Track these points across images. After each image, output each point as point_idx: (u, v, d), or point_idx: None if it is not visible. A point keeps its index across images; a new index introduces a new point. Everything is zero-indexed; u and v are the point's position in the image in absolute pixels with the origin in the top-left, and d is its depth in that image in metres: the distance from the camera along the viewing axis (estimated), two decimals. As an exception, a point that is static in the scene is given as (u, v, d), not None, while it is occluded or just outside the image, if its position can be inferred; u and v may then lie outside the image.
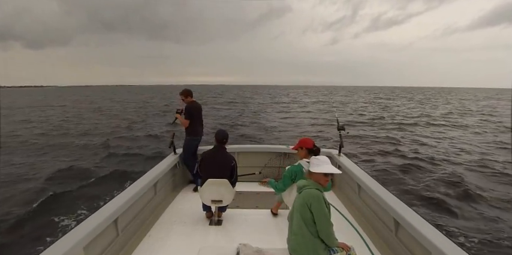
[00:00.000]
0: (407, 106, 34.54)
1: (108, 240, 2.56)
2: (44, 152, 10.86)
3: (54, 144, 12.26)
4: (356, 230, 3.21)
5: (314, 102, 38.41)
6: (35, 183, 7.20)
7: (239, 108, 29.40)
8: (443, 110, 28.72)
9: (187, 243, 2.88)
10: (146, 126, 17.20)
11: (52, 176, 7.73)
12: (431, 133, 15.35)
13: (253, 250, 2.20)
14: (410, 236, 2.45)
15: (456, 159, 9.86)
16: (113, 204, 2.65)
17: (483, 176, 8.16)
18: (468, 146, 12.09)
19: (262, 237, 2.94)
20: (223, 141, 3.29)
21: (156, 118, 20.73)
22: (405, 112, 26.75)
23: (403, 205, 2.76)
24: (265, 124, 17.73)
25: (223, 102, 37.65)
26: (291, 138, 13.09)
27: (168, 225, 3.25)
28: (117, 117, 22.57)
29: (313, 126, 17.64)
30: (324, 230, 2.05)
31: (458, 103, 42.05)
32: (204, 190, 3.11)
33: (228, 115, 22.44)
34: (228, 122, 18.36)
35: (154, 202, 3.56)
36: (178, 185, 4.36)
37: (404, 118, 21.45)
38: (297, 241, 2.07)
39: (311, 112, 25.94)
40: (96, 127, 17.18)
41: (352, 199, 3.86)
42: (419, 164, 9.07)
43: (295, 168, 3.00)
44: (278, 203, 3.50)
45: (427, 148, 11.65)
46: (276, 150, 4.76)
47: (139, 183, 3.20)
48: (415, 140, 13.21)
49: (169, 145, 4.25)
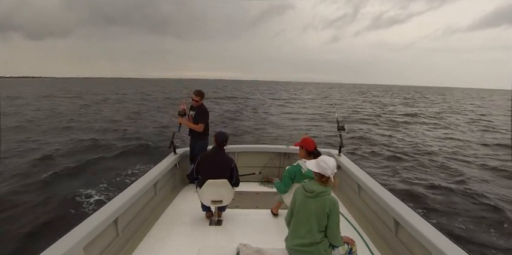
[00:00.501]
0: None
1: (108, 240, 2.56)
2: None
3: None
4: (356, 230, 3.21)
5: (312, 99, 39.33)
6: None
7: (240, 102, 30.12)
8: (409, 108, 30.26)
9: (187, 244, 2.87)
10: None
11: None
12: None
13: (253, 250, 2.19)
14: (410, 236, 2.45)
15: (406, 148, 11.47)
16: (113, 204, 2.65)
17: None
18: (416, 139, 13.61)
19: (262, 237, 2.94)
20: (223, 144, 3.26)
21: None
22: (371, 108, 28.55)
23: (403, 205, 2.77)
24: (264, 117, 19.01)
25: (223, 96, 38.02)
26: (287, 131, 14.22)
27: (168, 225, 3.25)
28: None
29: (310, 120, 18.51)
30: (334, 233, 2.10)
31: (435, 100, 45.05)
32: (203, 190, 3.10)
33: (229, 109, 23.15)
34: (230, 115, 19.38)
35: (154, 202, 3.55)
36: (178, 185, 4.35)
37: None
38: (304, 243, 2.08)
39: (307, 108, 26.80)
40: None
41: (352, 199, 3.86)
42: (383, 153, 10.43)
43: (294, 168, 3.01)
44: (278, 203, 3.49)
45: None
46: (276, 150, 4.76)
47: (139, 183, 3.20)
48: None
49: (169, 145, 4.24)
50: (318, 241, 2.07)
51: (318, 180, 2.15)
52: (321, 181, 2.13)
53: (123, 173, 7.54)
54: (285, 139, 11.99)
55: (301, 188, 2.21)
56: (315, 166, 2.15)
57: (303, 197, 2.14)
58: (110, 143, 11.02)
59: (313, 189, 2.11)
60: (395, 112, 25.20)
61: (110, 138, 11.93)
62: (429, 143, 12.42)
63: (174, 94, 39.01)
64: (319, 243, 2.07)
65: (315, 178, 2.19)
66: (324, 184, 2.13)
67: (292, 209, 2.24)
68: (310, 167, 2.20)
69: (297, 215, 2.17)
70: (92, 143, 10.90)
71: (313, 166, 2.17)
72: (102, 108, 23.26)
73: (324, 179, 2.12)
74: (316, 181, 2.17)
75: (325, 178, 2.12)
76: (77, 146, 10.50)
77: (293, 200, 2.26)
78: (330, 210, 2.06)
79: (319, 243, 2.07)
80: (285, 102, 32.87)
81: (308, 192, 2.12)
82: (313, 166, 2.17)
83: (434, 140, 13.35)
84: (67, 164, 8.25)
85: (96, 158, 8.82)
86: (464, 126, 18.17)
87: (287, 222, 2.30)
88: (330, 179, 2.12)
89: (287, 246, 2.20)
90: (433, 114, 24.15)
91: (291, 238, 2.18)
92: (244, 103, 29.53)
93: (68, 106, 24.33)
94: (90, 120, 16.86)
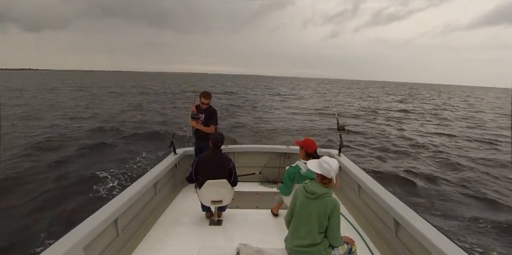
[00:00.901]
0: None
1: (108, 240, 2.56)
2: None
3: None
4: (356, 230, 3.21)
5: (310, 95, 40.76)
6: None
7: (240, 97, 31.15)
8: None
9: (187, 244, 2.87)
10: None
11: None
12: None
13: (253, 250, 2.19)
14: (410, 236, 2.45)
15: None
16: (113, 204, 2.65)
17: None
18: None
19: (262, 238, 2.94)
20: (219, 145, 3.24)
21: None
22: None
23: (403, 205, 2.77)
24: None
25: (222, 91, 38.76)
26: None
27: (168, 225, 3.25)
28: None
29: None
30: (334, 234, 2.09)
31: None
32: (203, 191, 3.09)
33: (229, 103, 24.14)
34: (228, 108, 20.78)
35: (154, 202, 3.55)
36: (178, 185, 4.35)
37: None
38: (304, 244, 2.08)
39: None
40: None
41: (352, 199, 3.86)
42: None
43: (293, 170, 3.01)
44: (279, 203, 3.49)
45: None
46: (276, 150, 4.76)
47: (139, 183, 3.20)
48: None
49: (169, 145, 4.24)
50: (318, 242, 2.06)
51: (319, 181, 2.11)
52: (322, 183, 2.09)
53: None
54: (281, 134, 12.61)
55: (302, 189, 2.16)
56: (316, 167, 2.10)
57: (304, 198, 2.11)
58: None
59: (315, 191, 2.07)
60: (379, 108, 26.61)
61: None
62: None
63: (175, 89, 39.93)
64: (319, 244, 2.07)
65: (316, 179, 2.14)
66: (326, 185, 2.09)
67: (292, 209, 2.22)
68: (312, 167, 2.13)
69: (298, 216, 2.14)
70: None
71: (315, 166, 2.10)
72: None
73: (326, 181, 2.08)
74: (317, 182, 2.12)
75: (327, 180, 2.08)
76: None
77: (293, 200, 2.23)
78: (331, 212, 2.04)
79: (319, 244, 2.06)
80: (285, 97, 33.57)
81: (310, 193, 2.08)
82: (315, 166, 2.10)
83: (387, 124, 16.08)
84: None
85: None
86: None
87: (287, 222, 2.29)
88: (332, 181, 2.08)
89: (287, 247, 2.19)
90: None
91: (291, 239, 2.17)
92: (244, 98, 30.36)
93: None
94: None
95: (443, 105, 33.40)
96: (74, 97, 26.27)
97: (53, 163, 7.85)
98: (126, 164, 7.97)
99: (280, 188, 3.15)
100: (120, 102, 23.64)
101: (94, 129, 12.36)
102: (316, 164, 2.12)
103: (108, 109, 18.85)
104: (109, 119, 15.14)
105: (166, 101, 24.62)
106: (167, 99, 26.27)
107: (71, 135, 11.21)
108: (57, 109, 18.27)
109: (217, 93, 34.17)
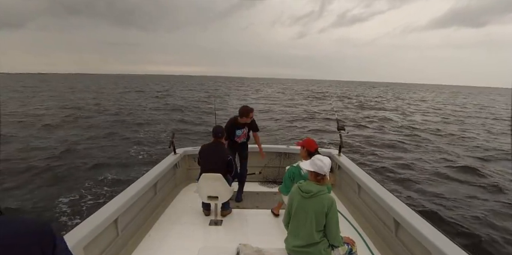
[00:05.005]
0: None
1: (108, 240, 2.56)
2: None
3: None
4: (356, 230, 3.21)
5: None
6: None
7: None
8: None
9: (187, 243, 2.87)
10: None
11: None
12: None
13: (253, 250, 2.19)
14: (410, 236, 2.45)
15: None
16: (113, 204, 2.65)
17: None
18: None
19: (262, 237, 2.94)
20: (219, 135, 3.38)
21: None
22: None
23: (403, 205, 2.77)
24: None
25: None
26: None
27: (168, 225, 3.25)
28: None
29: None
30: (334, 233, 2.09)
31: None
32: (201, 185, 3.16)
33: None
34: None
35: (154, 202, 3.56)
36: (178, 185, 4.35)
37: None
38: (303, 244, 2.08)
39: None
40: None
41: (352, 199, 3.86)
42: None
43: (294, 169, 3.02)
44: (279, 203, 3.49)
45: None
46: (276, 150, 4.76)
47: (139, 183, 3.20)
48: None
49: (169, 145, 4.24)
50: (317, 241, 2.06)
51: (313, 179, 2.15)
52: (316, 180, 2.13)
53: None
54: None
55: (297, 189, 2.17)
56: (309, 165, 2.15)
57: (300, 198, 2.12)
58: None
59: (309, 189, 2.09)
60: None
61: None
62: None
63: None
64: (319, 243, 2.07)
65: (310, 178, 2.18)
66: (320, 182, 2.13)
67: (289, 211, 2.22)
68: (305, 166, 2.19)
69: (296, 217, 2.15)
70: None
71: (308, 165, 2.17)
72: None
73: (320, 178, 2.12)
74: (311, 180, 2.16)
75: (320, 177, 2.12)
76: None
77: (289, 202, 2.23)
78: (328, 209, 2.05)
79: (318, 243, 2.06)
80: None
81: (305, 192, 2.10)
82: (308, 165, 2.17)
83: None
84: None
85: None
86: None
87: (285, 224, 2.29)
88: (326, 177, 2.12)
89: (287, 248, 2.19)
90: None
91: (291, 239, 2.17)
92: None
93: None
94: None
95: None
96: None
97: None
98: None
99: (280, 188, 3.17)
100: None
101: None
102: (308, 162, 2.19)
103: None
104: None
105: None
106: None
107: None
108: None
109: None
